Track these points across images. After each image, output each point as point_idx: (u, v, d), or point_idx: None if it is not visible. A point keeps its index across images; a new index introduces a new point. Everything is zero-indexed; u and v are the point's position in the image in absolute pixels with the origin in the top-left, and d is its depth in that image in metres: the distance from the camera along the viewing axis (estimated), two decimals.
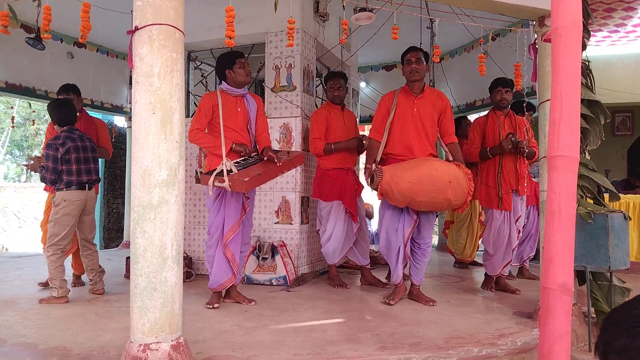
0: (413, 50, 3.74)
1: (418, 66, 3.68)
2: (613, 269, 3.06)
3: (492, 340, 2.86)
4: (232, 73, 3.58)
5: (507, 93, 4.24)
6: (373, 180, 3.42)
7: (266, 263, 4.48)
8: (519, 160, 4.19)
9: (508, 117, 4.30)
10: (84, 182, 3.92)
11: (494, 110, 4.35)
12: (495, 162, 4.23)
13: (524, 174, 4.22)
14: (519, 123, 4.29)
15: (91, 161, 4.01)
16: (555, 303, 1.61)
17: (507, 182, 4.17)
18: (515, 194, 4.19)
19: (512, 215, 4.19)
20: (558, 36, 1.70)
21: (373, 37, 5.77)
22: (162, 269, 2.23)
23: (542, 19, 3.39)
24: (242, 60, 3.60)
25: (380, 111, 3.82)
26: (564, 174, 1.66)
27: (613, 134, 8.46)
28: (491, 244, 4.26)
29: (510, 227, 4.19)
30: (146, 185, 2.23)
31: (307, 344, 2.77)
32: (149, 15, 2.24)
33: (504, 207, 4.17)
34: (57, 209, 3.84)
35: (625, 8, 5.19)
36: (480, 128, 4.35)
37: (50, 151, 3.80)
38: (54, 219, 3.84)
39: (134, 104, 2.29)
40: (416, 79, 3.71)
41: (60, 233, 3.82)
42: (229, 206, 3.53)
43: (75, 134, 3.98)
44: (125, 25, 2.65)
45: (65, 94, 4.40)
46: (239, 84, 3.61)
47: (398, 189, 3.36)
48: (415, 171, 3.41)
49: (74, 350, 2.64)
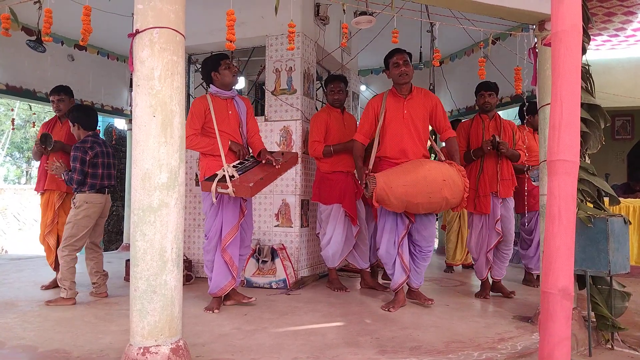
0: (399, 52, 3.75)
1: (407, 68, 3.69)
2: (613, 273, 3.06)
3: (492, 344, 2.86)
4: (218, 75, 3.62)
5: (490, 97, 4.27)
6: (367, 188, 3.41)
7: (266, 266, 4.47)
8: (500, 162, 4.20)
9: (493, 120, 4.33)
10: (105, 185, 4.06)
11: (480, 114, 4.38)
12: (477, 165, 4.26)
13: (507, 176, 4.23)
14: (505, 126, 4.32)
15: (112, 167, 4.16)
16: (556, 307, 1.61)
17: (486, 184, 4.18)
18: (494, 196, 4.20)
19: (490, 218, 4.20)
20: (558, 40, 1.70)
21: (373, 40, 5.78)
22: (162, 272, 2.23)
23: (542, 23, 3.40)
24: (226, 61, 3.63)
25: (367, 114, 3.81)
26: (564, 177, 1.66)
27: (613, 138, 8.46)
28: (473, 248, 4.30)
29: (489, 230, 4.21)
30: (146, 188, 2.23)
31: (307, 348, 2.76)
32: (150, 18, 2.25)
33: (480, 209, 4.19)
34: (78, 211, 3.92)
35: (625, 12, 5.20)
36: (465, 131, 4.38)
37: (79, 153, 3.90)
38: (74, 220, 3.91)
39: (134, 106, 2.29)
40: (406, 82, 3.72)
41: (78, 234, 3.90)
42: (227, 210, 3.53)
43: (99, 139, 4.13)
44: (126, 28, 2.66)
45: (57, 94, 4.45)
46: (226, 85, 3.64)
47: (393, 193, 3.36)
48: (408, 174, 3.41)
49: (73, 353, 2.64)
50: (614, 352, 3.12)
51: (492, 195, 4.19)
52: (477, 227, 4.26)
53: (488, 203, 4.17)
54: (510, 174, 4.27)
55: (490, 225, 4.21)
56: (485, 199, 4.16)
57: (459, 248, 5.67)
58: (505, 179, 4.21)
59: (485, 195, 4.16)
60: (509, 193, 4.26)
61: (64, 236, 3.92)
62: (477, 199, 4.19)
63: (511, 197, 4.31)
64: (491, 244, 4.19)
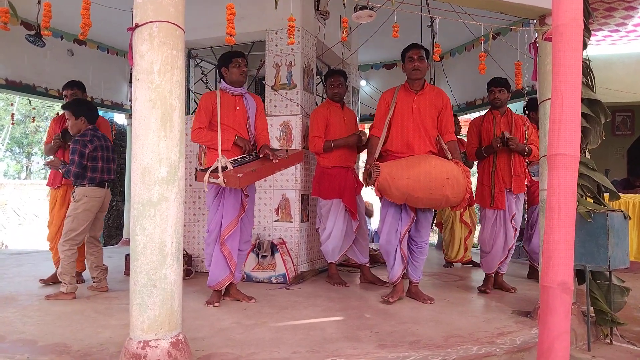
0: (415, 47, 3.74)
1: (420, 64, 3.68)
2: (612, 268, 3.07)
3: (491, 338, 2.87)
4: (227, 72, 3.65)
5: (500, 92, 4.26)
6: (370, 176, 3.43)
7: (266, 261, 4.48)
8: (512, 158, 4.19)
9: (505, 116, 4.31)
10: (105, 180, 4.05)
11: (491, 110, 4.37)
12: (490, 161, 4.26)
13: (520, 172, 4.22)
14: (516, 121, 4.30)
15: (111, 161, 4.15)
16: (555, 302, 1.62)
17: (501, 180, 4.19)
18: (509, 192, 4.21)
19: (506, 213, 4.22)
20: (559, 35, 1.70)
21: (373, 35, 5.77)
22: (162, 266, 2.24)
23: (543, 18, 3.39)
24: (238, 60, 3.64)
25: (380, 108, 3.83)
26: (564, 172, 1.66)
27: (613, 133, 8.45)
28: (486, 242, 4.31)
29: (505, 226, 4.22)
30: (146, 183, 2.23)
31: (306, 342, 2.77)
32: (149, 12, 2.24)
33: (496, 205, 4.20)
34: (78, 205, 3.91)
35: (626, 7, 5.19)
36: (476, 128, 4.38)
37: (78, 146, 3.88)
38: (74, 214, 3.90)
39: (134, 101, 2.29)
40: (418, 77, 3.71)
41: (78, 228, 3.88)
42: (227, 204, 3.55)
43: (99, 133, 4.11)
44: (125, 22, 2.65)
45: (70, 89, 4.45)
46: (234, 83, 3.66)
47: (395, 185, 3.37)
48: (412, 167, 3.42)
49: (73, 347, 2.65)
50: (613, 346, 3.13)
51: (507, 191, 4.20)
52: (489, 221, 4.26)
53: (503, 199, 4.19)
54: (523, 170, 4.27)
55: (505, 220, 4.21)
56: (500, 195, 4.18)
57: (453, 245, 5.69)
58: (518, 174, 4.21)
59: (501, 191, 4.17)
60: (522, 188, 4.26)
61: (64, 230, 3.91)
62: (494, 195, 4.20)
63: (523, 192, 4.32)
64: (509, 239, 4.20)
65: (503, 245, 4.22)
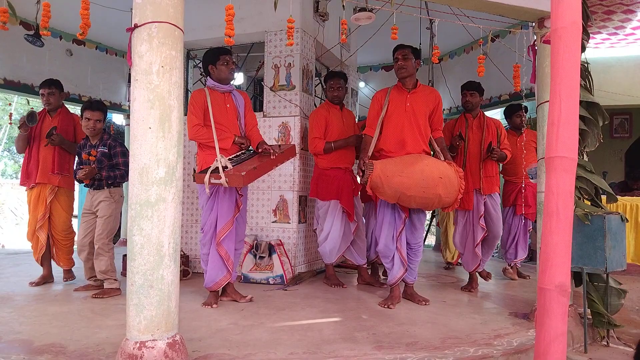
0: (399, 48, 3.80)
1: (405, 63, 3.72)
2: (610, 270, 3.08)
3: (488, 340, 2.87)
4: (215, 69, 3.63)
5: (471, 96, 4.43)
6: (364, 174, 3.44)
7: (263, 262, 4.48)
8: (483, 160, 4.34)
9: (477, 119, 4.46)
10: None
11: (464, 113, 4.52)
12: (460, 162, 4.38)
13: (491, 173, 4.40)
14: (489, 124, 4.44)
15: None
16: (552, 303, 1.62)
17: (469, 181, 4.29)
18: (477, 193, 4.34)
19: (474, 214, 4.34)
20: (557, 38, 1.70)
21: (372, 37, 5.77)
22: (159, 266, 2.23)
23: (542, 21, 3.40)
24: (226, 57, 3.63)
25: (373, 107, 3.85)
26: (562, 175, 1.67)
27: (611, 136, 8.47)
28: (457, 243, 4.48)
29: (473, 226, 4.35)
30: (144, 183, 2.23)
31: (303, 343, 2.77)
32: (148, 12, 2.24)
33: (463, 206, 4.29)
34: (118, 205, 4.05)
35: (624, 11, 5.20)
36: (448, 130, 4.51)
37: (125, 149, 4.00)
38: (114, 214, 4.01)
39: (132, 101, 2.29)
40: (404, 76, 3.75)
41: (116, 227, 4.03)
42: (222, 204, 3.54)
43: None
44: (124, 22, 2.65)
45: (48, 87, 4.39)
46: (221, 80, 3.65)
47: (388, 182, 3.38)
48: (406, 166, 3.44)
49: (69, 347, 2.64)
50: (610, 348, 3.14)
51: (476, 191, 4.33)
52: (460, 223, 4.44)
53: (471, 199, 4.33)
54: (495, 172, 4.44)
55: (474, 221, 4.35)
56: (467, 196, 4.26)
57: (448, 246, 5.72)
58: (489, 175, 4.37)
59: (468, 191, 4.25)
60: (493, 189, 4.41)
61: (104, 230, 3.91)
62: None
63: (496, 192, 4.46)
64: (477, 239, 4.32)
65: (473, 246, 4.34)
